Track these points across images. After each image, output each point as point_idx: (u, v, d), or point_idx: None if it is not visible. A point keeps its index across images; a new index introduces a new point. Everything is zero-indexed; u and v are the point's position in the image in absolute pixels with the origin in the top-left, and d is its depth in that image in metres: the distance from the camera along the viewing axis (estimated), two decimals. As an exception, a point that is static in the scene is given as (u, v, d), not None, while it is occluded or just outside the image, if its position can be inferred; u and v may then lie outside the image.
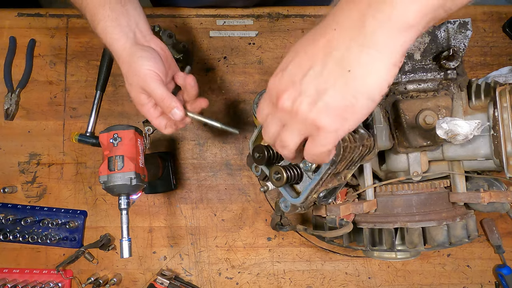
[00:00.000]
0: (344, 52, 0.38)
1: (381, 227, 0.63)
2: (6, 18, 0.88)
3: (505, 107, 0.54)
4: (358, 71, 0.38)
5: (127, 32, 0.62)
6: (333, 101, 0.39)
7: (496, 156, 0.56)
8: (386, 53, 0.37)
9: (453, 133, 0.51)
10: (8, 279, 0.83)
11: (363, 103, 0.39)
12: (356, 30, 0.38)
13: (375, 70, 0.38)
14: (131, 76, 0.61)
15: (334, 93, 0.39)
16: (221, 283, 0.85)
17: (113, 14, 0.61)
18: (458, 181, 0.63)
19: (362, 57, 0.37)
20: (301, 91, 0.41)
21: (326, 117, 0.40)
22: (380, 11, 0.36)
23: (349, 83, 0.38)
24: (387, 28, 0.36)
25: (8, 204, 0.84)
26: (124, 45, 0.61)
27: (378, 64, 0.37)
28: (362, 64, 0.38)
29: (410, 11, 0.35)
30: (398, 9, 0.36)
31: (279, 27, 0.89)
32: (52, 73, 0.88)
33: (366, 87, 0.38)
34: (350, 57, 0.38)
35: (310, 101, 0.40)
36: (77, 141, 0.83)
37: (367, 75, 0.38)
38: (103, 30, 0.61)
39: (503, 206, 0.62)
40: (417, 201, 0.62)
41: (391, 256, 0.67)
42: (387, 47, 0.37)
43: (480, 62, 0.88)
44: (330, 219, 0.62)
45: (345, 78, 0.38)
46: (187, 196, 0.86)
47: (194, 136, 0.87)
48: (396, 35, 0.36)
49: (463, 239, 0.63)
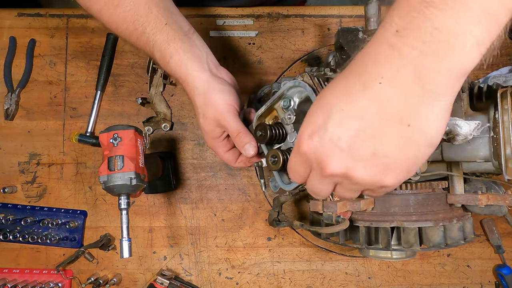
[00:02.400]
0: (401, 107, 0.34)
1: (377, 225, 0.63)
2: (6, 18, 0.88)
3: (506, 109, 0.54)
4: (418, 124, 0.35)
5: (203, 63, 0.60)
6: (394, 160, 0.36)
7: (495, 158, 0.56)
8: (444, 99, 0.34)
9: (453, 133, 0.51)
10: (8, 279, 0.83)
11: (426, 151, 0.36)
12: (410, 82, 0.34)
13: (435, 118, 0.35)
14: (208, 109, 0.60)
15: (395, 152, 0.36)
16: (221, 283, 0.85)
17: (185, 46, 0.59)
18: (456, 183, 0.63)
19: (421, 108, 0.34)
20: (353, 157, 0.37)
21: (389, 177, 0.38)
22: (437, 62, 0.32)
23: (410, 138, 0.35)
24: (446, 77, 0.33)
25: (8, 204, 0.85)
26: (201, 77, 0.59)
27: (437, 111, 0.34)
28: (422, 115, 0.34)
29: (470, 58, 0.32)
30: (457, 55, 0.32)
31: (279, 27, 0.89)
32: (52, 73, 0.88)
33: (428, 137, 0.35)
34: (407, 110, 0.34)
35: (367, 165, 0.37)
36: (77, 141, 0.83)
37: (428, 125, 0.35)
38: (178, 63, 0.59)
39: (501, 209, 0.62)
40: (414, 201, 0.62)
41: (387, 256, 0.67)
42: (446, 93, 0.34)
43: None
44: (327, 215, 0.63)
45: (405, 133, 0.35)
46: (187, 196, 0.86)
47: (194, 136, 0.87)
48: (454, 82, 0.33)
49: (459, 241, 0.63)
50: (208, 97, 0.59)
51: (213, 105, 0.59)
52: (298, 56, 0.88)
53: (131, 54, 0.88)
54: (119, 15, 0.59)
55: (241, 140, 0.60)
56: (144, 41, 0.60)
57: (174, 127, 0.87)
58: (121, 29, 0.60)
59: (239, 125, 0.60)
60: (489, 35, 0.32)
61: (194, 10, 0.89)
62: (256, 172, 0.85)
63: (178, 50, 0.59)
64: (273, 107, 0.59)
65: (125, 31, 0.60)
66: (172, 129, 0.87)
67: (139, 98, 0.83)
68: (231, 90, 0.61)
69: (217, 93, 0.59)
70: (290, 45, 0.89)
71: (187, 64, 0.59)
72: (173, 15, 0.61)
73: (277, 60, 0.88)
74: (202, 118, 0.61)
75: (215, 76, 0.61)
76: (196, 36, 0.63)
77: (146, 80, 0.87)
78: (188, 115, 0.87)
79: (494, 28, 0.32)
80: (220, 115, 0.59)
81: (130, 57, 0.88)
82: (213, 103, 0.59)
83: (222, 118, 0.60)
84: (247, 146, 0.60)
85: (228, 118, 0.59)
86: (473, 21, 0.31)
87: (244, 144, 0.60)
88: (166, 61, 0.60)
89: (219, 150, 0.65)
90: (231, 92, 0.61)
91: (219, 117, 0.60)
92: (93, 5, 0.59)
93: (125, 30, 0.60)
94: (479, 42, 0.32)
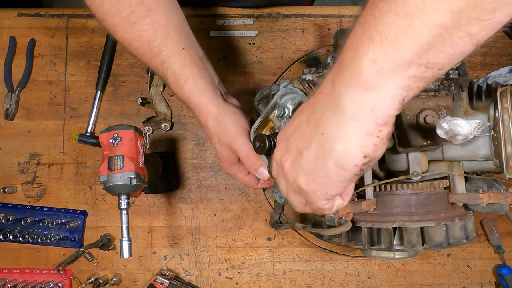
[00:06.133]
0: (321, 115, 0.38)
1: (379, 226, 0.62)
2: (6, 18, 0.88)
3: (505, 108, 0.54)
4: (329, 135, 0.37)
5: (216, 90, 0.61)
6: (306, 161, 0.40)
7: (496, 157, 0.56)
8: (356, 119, 0.35)
9: (453, 133, 0.51)
10: (8, 279, 0.83)
11: (333, 169, 0.38)
12: (329, 95, 0.37)
13: (344, 137, 0.36)
14: (222, 133, 0.60)
15: (308, 154, 0.39)
16: (221, 283, 0.85)
17: (200, 72, 0.59)
18: (458, 182, 0.63)
19: (332, 120, 0.37)
20: (287, 148, 0.43)
21: (302, 176, 0.41)
22: (342, 75, 0.35)
23: (321, 146, 0.38)
24: (351, 91, 0.35)
25: (8, 204, 0.84)
26: (214, 103, 0.59)
27: (348, 130, 0.36)
28: (332, 128, 0.37)
29: (368, 73, 0.33)
30: (355, 70, 0.34)
31: (279, 27, 0.89)
32: (52, 73, 0.88)
33: (335, 153, 0.37)
34: (323, 120, 0.38)
35: (292, 159, 0.42)
36: (77, 141, 0.83)
37: (336, 140, 0.36)
38: (193, 89, 0.59)
39: (502, 207, 0.62)
40: (416, 201, 0.62)
41: (389, 256, 0.67)
42: (355, 113, 0.35)
43: (480, 62, 0.88)
44: (329, 217, 0.63)
45: (318, 140, 0.38)
46: (187, 196, 0.86)
47: (194, 136, 0.87)
48: (361, 99, 0.34)
49: (461, 240, 0.63)
50: (221, 121, 0.59)
51: (227, 130, 0.59)
52: (298, 56, 0.88)
53: (131, 54, 0.87)
54: (135, 33, 0.58)
55: (252, 164, 0.60)
56: (158, 62, 0.59)
57: (174, 127, 0.87)
58: (133, 46, 0.59)
59: (249, 148, 0.59)
60: None
61: (194, 10, 0.89)
62: (266, 198, 0.85)
63: (194, 75, 0.59)
64: (268, 118, 0.59)
65: (138, 49, 0.59)
66: (172, 129, 0.87)
67: (139, 98, 0.83)
68: (241, 113, 0.62)
69: (231, 116, 0.60)
70: (290, 45, 0.89)
71: (202, 91, 0.59)
72: (190, 40, 0.61)
73: (277, 60, 0.88)
74: (218, 144, 0.61)
75: (226, 101, 0.62)
76: (209, 63, 0.63)
77: (146, 80, 0.87)
78: (188, 115, 0.87)
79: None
80: (231, 138, 0.59)
81: (130, 57, 0.88)
82: (226, 128, 0.59)
83: (233, 142, 0.59)
84: (261, 170, 0.60)
85: (239, 141, 0.59)
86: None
87: (257, 168, 0.60)
88: (180, 85, 0.59)
89: (239, 174, 0.64)
90: (242, 115, 0.61)
91: (231, 140, 0.59)
92: (109, 18, 0.58)
93: (138, 48, 0.59)
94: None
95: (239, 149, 0.59)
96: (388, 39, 0.31)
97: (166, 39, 0.58)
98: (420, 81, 0.33)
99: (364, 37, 0.33)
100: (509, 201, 0.58)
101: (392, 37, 0.31)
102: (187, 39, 0.60)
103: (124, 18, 0.56)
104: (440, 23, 0.30)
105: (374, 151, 0.36)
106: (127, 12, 0.56)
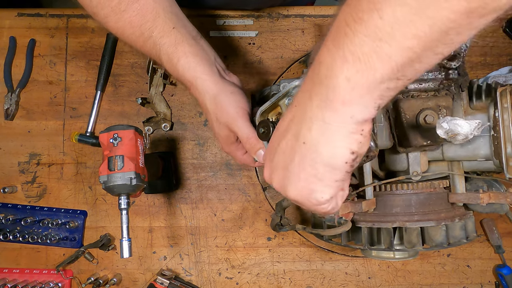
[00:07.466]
0: (300, 127, 0.39)
1: (379, 226, 0.63)
2: (6, 18, 0.88)
3: (505, 108, 0.54)
4: (312, 142, 0.39)
5: (212, 66, 0.60)
6: (293, 174, 0.41)
7: (496, 157, 0.56)
8: (336, 125, 0.37)
9: (453, 133, 0.51)
10: (8, 279, 0.83)
11: (324, 171, 0.39)
12: (307, 107, 0.39)
13: (329, 140, 0.38)
14: (220, 113, 0.59)
15: (293, 166, 0.41)
16: (221, 283, 0.85)
17: (193, 49, 0.58)
18: (458, 182, 0.63)
19: (313, 129, 0.38)
20: (272, 168, 0.45)
21: (293, 190, 0.42)
22: (318, 89, 0.37)
23: (305, 155, 0.39)
24: (328, 104, 0.37)
25: (8, 204, 0.84)
26: (211, 81, 0.59)
27: (331, 134, 0.38)
28: (314, 135, 0.38)
29: (344, 90, 0.35)
30: (330, 87, 0.36)
31: (279, 27, 0.89)
32: (52, 73, 0.88)
33: (322, 156, 0.39)
34: (302, 130, 0.39)
35: (279, 177, 0.43)
36: (77, 141, 0.83)
37: (321, 145, 0.38)
38: (186, 66, 0.58)
39: (502, 207, 0.62)
40: (416, 201, 0.62)
41: (389, 256, 0.67)
42: (335, 120, 0.37)
43: (480, 62, 0.88)
44: (329, 217, 0.63)
45: (301, 151, 0.40)
46: (187, 196, 0.86)
47: (194, 136, 0.87)
48: (339, 110, 0.36)
49: (461, 240, 0.63)
50: (220, 100, 0.59)
51: (226, 109, 0.59)
52: (298, 56, 0.88)
53: (131, 54, 0.88)
54: (126, 20, 0.58)
55: (252, 147, 0.59)
56: (151, 45, 0.59)
57: (174, 127, 0.87)
58: (127, 34, 0.60)
59: (249, 130, 0.59)
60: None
61: (194, 10, 0.89)
62: (256, 173, 0.85)
63: (186, 53, 0.58)
64: (277, 103, 0.59)
65: (131, 36, 0.59)
66: (172, 129, 0.87)
67: (139, 98, 0.83)
68: (241, 92, 0.61)
69: (229, 95, 0.59)
70: (290, 45, 0.89)
71: (196, 68, 0.58)
72: (180, 20, 0.60)
73: (277, 60, 0.88)
74: (216, 123, 0.61)
75: (224, 79, 0.61)
76: (204, 40, 0.62)
77: (146, 80, 0.87)
78: (188, 115, 0.87)
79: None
80: (231, 119, 0.59)
81: (130, 57, 0.88)
82: (225, 108, 0.59)
83: (232, 122, 0.59)
84: (260, 153, 0.59)
85: (239, 123, 0.59)
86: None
87: (257, 151, 0.59)
88: (174, 64, 0.59)
89: (237, 153, 0.64)
90: (242, 94, 0.60)
91: (230, 121, 0.59)
92: (99, 10, 0.58)
93: (131, 35, 0.59)
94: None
95: (238, 131, 0.59)
96: (361, 60, 0.33)
97: (156, 21, 0.58)
98: (393, 90, 0.35)
99: (337, 56, 0.34)
100: (509, 201, 0.58)
101: (364, 58, 0.33)
102: (177, 19, 0.60)
103: (114, 7, 0.57)
104: (409, 47, 0.31)
105: (360, 147, 0.38)
106: (116, 1, 0.57)
